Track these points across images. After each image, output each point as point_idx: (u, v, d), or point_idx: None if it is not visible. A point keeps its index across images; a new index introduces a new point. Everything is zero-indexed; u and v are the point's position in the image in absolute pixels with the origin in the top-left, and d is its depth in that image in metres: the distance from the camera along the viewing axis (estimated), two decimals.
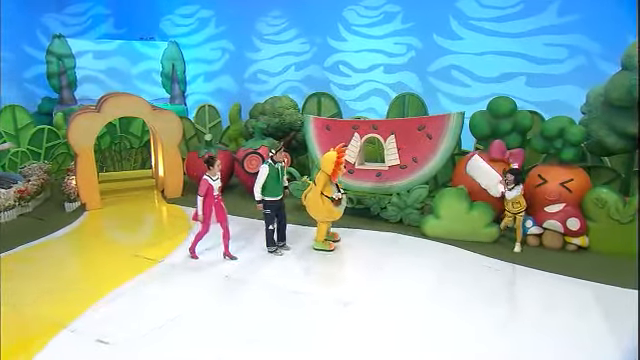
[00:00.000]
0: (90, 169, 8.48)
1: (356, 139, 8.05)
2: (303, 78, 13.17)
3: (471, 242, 6.73)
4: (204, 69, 14.64)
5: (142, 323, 4.58)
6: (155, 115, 8.95)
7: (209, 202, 6.00)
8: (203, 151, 9.53)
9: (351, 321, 4.66)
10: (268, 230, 6.34)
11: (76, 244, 7.02)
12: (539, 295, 5.16)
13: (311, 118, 8.59)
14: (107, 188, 10.47)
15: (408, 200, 7.50)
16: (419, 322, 4.62)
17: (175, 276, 5.74)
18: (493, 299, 5.10)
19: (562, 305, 4.93)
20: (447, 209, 6.90)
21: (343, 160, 6.44)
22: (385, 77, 12.02)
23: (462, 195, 6.88)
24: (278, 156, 6.21)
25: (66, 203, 8.40)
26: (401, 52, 11.66)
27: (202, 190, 5.92)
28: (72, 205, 8.43)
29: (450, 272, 5.82)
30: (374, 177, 7.95)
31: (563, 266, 5.87)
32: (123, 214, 8.60)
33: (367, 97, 12.40)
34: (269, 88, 13.56)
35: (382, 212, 7.77)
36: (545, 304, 4.96)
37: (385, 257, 6.30)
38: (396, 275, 5.75)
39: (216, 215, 6.09)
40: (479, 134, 7.62)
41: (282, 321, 4.65)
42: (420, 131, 7.56)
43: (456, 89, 11.13)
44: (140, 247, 6.70)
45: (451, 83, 11.17)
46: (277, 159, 6.22)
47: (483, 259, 6.22)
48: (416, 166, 7.59)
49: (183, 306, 4.95)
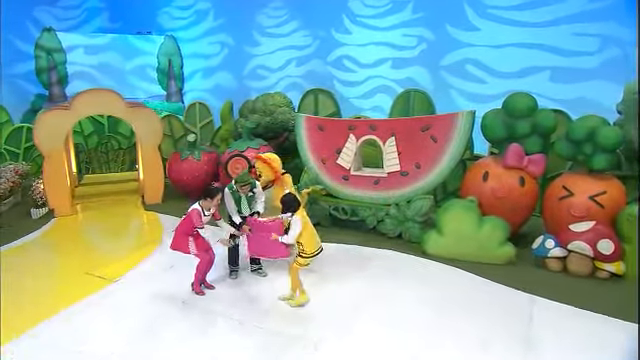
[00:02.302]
0: (59, 172, 7.83)
1: (352, 141, 7.17)
2: (305, 74, 12.38)
3: (481, 264, 5.80)
4: (202, 65, 13.96)
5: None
6: (131, 113, 8.25)
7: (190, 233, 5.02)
8: (186, 152, 8.81)
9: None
10: (229, 248, 5.55)
11: (27, 259, 6.32)
12: (561, 337, 4.20)
13: (303, 117, 7.74)
14: (87, 192, 9.87)
15: (408, 212, 6.58)
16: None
17: (121, 301, 4.99)
18: (505, 339, 4.17)
19: (590, 351, 3.95)
20: (452, 224, 5.97)
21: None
22: (393, 72, 11.16)
23: (470, 208, 5.93)
24: (240, 189, 5.29)
25: (32, 209, 7.77)
26: (411, 45, 10.79)
27: (197, 222, 4.89)
28: (39, 211, 7.80)
29: (453, 302, 4.89)
30: (371, 185, 7.05)
31: (592, 299, 4.88)
32: (92, 222, 7.96)
33: (373, 94, 11.55)
34: (269, 84, 12.79)
35: (379, 225, 6.88)
36: (569, 349, 3.99)
37: (378, 280, 5.41)
38: (390, 304, 4.85)
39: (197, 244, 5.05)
40: (493, 136, 6.64)
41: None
42: (424, 132, 6.64)
43: (471, 85, 10.19)
44: (96, 263, 6.00)
45: (466, 79, 10.23)
46: (240, 190, 5.31)
47: (495, 286, 5.28)
48: (419, 173, 6.67)
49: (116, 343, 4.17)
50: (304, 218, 4.68)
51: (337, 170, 7.29)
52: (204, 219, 4.96)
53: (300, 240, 4.65)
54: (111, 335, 4.32)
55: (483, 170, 6.43)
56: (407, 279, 5.47)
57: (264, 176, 5.77)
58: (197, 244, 5.03)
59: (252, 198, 5.42)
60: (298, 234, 4.60)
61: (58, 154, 7.77)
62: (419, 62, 10.72)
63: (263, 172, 5.83)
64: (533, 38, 9.17)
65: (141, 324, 4.50)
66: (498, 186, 6.21)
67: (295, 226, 4.61)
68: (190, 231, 4.99)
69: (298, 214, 4.64)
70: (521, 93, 6.41)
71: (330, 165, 7.36)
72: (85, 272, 5.67)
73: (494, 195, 6.21)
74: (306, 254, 4.69)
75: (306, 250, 4.68)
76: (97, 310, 4.79)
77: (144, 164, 8.65)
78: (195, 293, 5.11)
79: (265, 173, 5.86)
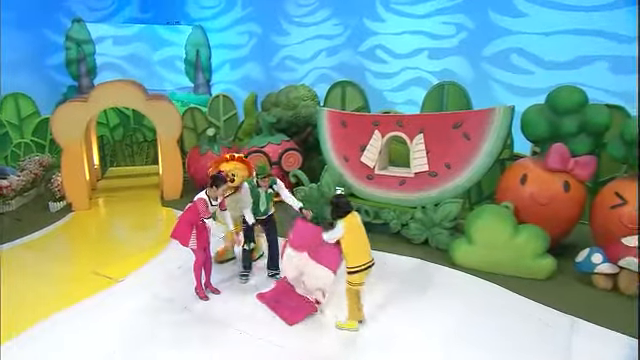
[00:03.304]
0: (77, 166, 7.96)
1: (377, 138, 6.84)
2: (335, 65, 12.12)
3: (516, 278, 5.36)
4: (230, 56, 13.96)
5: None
6: (150, 105, 8.26)
7: (194, 223, 4.89)
8: (205, 147, 8.76)
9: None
10: (243, 249, 5.38)
11: (37, 254, 6.44)
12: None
13: (325, 112, 7.47)
14: (110, 185, 10.06)
15: (435, 217, 6.18)
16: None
17: (123, 303, 4.94)
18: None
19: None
20: (484, 232, 5.54)
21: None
22: (429, 63, 10.72)
23: (505, 215, 5.47)
24: (261, 182, 5.19)
25: (50, 203, 7.95)
26: (449, 33, 10.31)
27: (204, 212, 4.74)
28: (57, 205, 7.97)
29: (481, 322, 4.52)
30: (397, 185, 6.71)
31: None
32: (108, 218, 8.08)
33: (407, 87, 11.15)
34: (298, 76, 12.62)
35: (403, 230, 6.53)
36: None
37: (400, 294, 5.09)
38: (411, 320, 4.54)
39: (197, 239, 4.91)
40: (534, 135, 6.11)
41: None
42: (456, 129, 6.22)
43: (516, 78, 9.61)
44: (105, 261, 6.02)
45: (510, 70, 9.67)
46: (261, 184, 5.21)
47: (530, 305, 4.84)
48: (449, 174, 6.26)
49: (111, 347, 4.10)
50: (350, 225, 4.22)
51: (361, 169, 7.00)
52: (211, 209, 4.81)
53: (345, 251, 4.24)
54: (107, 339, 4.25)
55: (521, 172, 5.94)
56: (431, 292, 5.14)
57: (238, 177, 5.38)
58: (198, 239, 4.86)
59: (271, 196, 5.21)
60: (336, 237, 4.22)
61: (76, 147, 7.90)
62: (458, 52, 10.21)
63: (238, 173, 5.38)
64: (589, 23, 8.47)
65: (136, 329, 4.42)
66: (538, 191, 5.72)
67: (336, 229, 4.22)
68: (195, 221, 4.83)
69: (345, 220, 4.22)
70: (568, 86, 5.85)
71: (353, 163, 7.07)
72: (92, 271, 5.68)
73: (533, 201, 5.72)
74: (351, 268, 4.22)
75: (349, 263, 4.22)
76: (97, 312, 4.76)
77: (163, 158, 8.68)
78: (199, 298, 4.97)
79: (240, 174, 5.41)
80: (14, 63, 11.98)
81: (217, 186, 4.77)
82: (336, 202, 4.32)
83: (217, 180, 4.80)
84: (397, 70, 11.12)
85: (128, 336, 4.31)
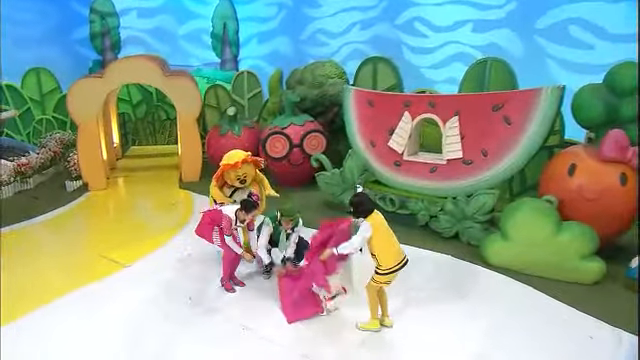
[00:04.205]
0: (93, 144, 8.12)
1: (406, 120, 6.55)
2: (370, 39, 11.79)
3: (557, 281, 5.05)
4: (258, 29, 13.82)
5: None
6: (169, 82, 8.26)
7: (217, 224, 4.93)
8: (226, 127, 8.71)
9: None
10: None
11: (48, 235, 6.66)
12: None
13: (351, 90, 7.22)
14: (129, 165, 10.26)
15: (467, 209, 5.88)
16: None
17: (128, 290, 4.98)
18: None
19: None
20: (521, 228, 5.21)
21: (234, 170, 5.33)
22: (474, 37, 10.24)
23: (546, 210, 5.11)
24: (284, 222, 4.94)
25: (67, 182, 8.16)
26: (497, 3, 9.84)
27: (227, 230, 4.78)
28: (73, 184, 8.18)
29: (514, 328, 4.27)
30: (427, 173, 6.42)
31: None
32: (123, 199, 8.24)
33: (448, 63, 10.71)
34: (330, 51, 12.36)
35: (432, 222, 6.27)
36: None
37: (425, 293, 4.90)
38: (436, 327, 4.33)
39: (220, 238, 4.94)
40: (587, 120, 5.66)
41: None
42: (495, 112, 5.85)
43: (575, 53, 8.96)
44: (115, 245, 6.12)
45: (568, 45, 9.08)
46: (284, 224, 4.96)
47: (571, 313, 4.53)
48: (485, 162, 5.92)
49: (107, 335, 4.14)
50: (376, 224, 3.99)
51: (388, 154, 6.76)
52: (234, 227, 4.89)
53: (373, 251, 4.02)
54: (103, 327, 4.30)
55: (569, 161, 5.51)
56: (459, 293, 4.91)
57: (249, 178, 5.38)
58: (222, 238, 4.90)
59: (289, 236, 5.05)
60: (362, 241, 3.96)
61: (92, 125, 8.04)
62: (507, 24, 9.70)
63: (249, 174, 5.37)
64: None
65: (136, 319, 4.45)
66: (588, 183, 5.29)
67: (361, 232, 3.95)
68: (217, 223, 4.90)
69: (370, 219, 4.00)
70: (629, 62, 5.35)
71: (380, 148, 6.83)
72: (100, 254, 5.78)
73: (582, 195, 5.30)
74: (382, 269, 4.02)
75: (381, 264, 4.00)
76: (99, 298, 4.82)
77: (182, 138, 8.72)
78: (225, 290, 5.00)
79: (251, 174, 5.41)
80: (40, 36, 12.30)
81: (248, 212, 4.84)
82: (358, 201, 4.08)
83: (249, 206, 4.84)
84: (437, 45, 10.70)
85: (126, 326, 4.33)
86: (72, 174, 8.19)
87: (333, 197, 7.17)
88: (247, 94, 10.58)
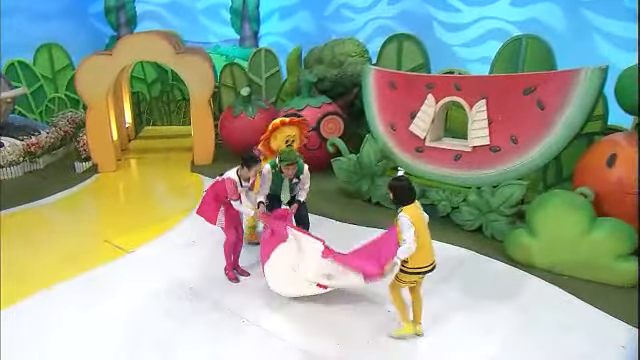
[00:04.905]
0: (103, 124, 8.24)
1: (430, 103, 6.37)
2: (398, 14, 11.59)
3: (588, 282, 4.87)
4: (279, 4, 13.73)
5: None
6: (180, 60, 8.28)
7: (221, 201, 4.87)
8: (239, 108, 8.69)
9: None
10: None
11: (55, 216, 6.85)
12: None
13: (371, 70, 7.07)
14: (142, 146, 10.41)
15: (492, 201, 5.71)
16: None
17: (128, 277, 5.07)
18: None
19: None
20: (550, 224, 5.02)
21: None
22: (512, 12, 9.95)
23: (580, 204, 4.89)
24: (285, 169, 4.91)
25: (76, 162, 8.33)
26: None
27: (233, 194, 4.65)
28: (83, 165, 8.35)
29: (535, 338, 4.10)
30: (450, 161, 6.26)
31: None
32: (133, 182, 8.36)
33: (483, 41, 10.44)
34: (354, 28, 12.24)
35: (453, 213, 6.12)
36: None
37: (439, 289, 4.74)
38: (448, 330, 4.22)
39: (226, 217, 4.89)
40: (631, 105, 5.35)
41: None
42: (527, 95, 5.61)
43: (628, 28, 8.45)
44: (120, 229, 6.24)
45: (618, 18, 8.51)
46: (284, 172, 4.94)
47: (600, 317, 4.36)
48: (514, 150, 5.71)
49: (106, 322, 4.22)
50: (415, 218, 3.75)
51: (409, 139, 6.61)
52: (240, 190, 4.74)
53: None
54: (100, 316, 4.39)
55: (609, 151, 5.27)
56: (478, 292, 4.78)
57: (295, 145, 5.37)
58: (227, 217, 4.85)
59: (295, 185, 5.04)
60: (412, 236, 3.67)
61: (102, 104, 8.15)
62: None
63: (296, 140, 5.39)
64: None
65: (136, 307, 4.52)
66: (629, 176, 5.05)
67: (406, 231, 3.68)
68: (222, 199, 4.82)
69: (406, 210, 3.74)
70: None
71: (401, 132, 6.69)
72: (104, 239, 5.89)
73: (621, 188, 5.07)
74: (408, 267, 3.82)
75: (407, 263, 3.80)
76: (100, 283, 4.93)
77: (194, 119, 8.75)
78: (228, 279, 5.00)
79: (296, 142, 5.46)
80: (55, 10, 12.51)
81: (249, 167, 4.65)
82: (399, 186, 3.83)
83: (250, 160, 4.66)
84: (471, 20, 10.52)
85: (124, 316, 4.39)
86: (81, 155, 8.36)
87: (349, 184, 7.09)
88: (265, 73, 10.52)
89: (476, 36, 10.43)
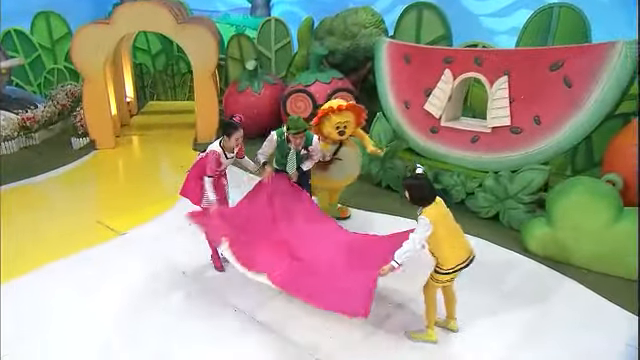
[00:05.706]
0: (101, 99, 8.26)
1: (447, 80, 6.21)
2: None
3: (611, 277, 4.77)
4: None
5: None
6: (181, 30, 8.22)
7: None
8: (244, 83, 8.63)
9: None
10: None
11: (47, 194, 6.94)
12: None
13: (385, 43, 6.91)
14: (144, 122, 10.45)
15: (511, 187, 5.57)
16: None
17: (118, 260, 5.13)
18: None
19: None
20: (571, 213, 4.87)
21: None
22: None
23: (606, 192, 4.73)
24: (292, 138, 4.80)
25: (73, 138, 8.41)
26: None
27: (210, 169, 4.50)
28: (80, 141, 8.42)
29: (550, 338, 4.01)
30: (467, 143, 6.12)
31: None
32: (130, 160, 8.40)
33: (513, 11, 10.04)
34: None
35: (468, 200, 6.01)
36: None
37: None
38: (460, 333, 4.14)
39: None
40: None
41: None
42: (553, 72, 5.42)
43: None
44: (114, 210, 6.31)
45: None
46: (292, 141, 4.84)
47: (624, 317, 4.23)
48: (537, 131, 5.55)
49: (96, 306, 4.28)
50: (439, 217, 3.56)
51: (424, 118, 6.49)
52: (225, 163, 4.65)
53: (432, 249, 3.66)
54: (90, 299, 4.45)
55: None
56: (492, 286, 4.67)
57: (349, 130, 5.24)
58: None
59: (304, 157, 4.98)
60: (422, 241, 3.51)
61: (99, 77, 8.15)
62: None
63: (350, 125, 5.21)
64: None
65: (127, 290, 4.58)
66: None
67: (420, 232, 3.50)
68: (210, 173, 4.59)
69: (427, 212, 3.53)
70: None
71: (415, 111, 6.55)
72: (96, 220, 5.96)
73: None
74: (442, 269, 3.68)
75: (442, 264, 3.65)
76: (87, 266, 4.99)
77: (197, 94, 8.72)
78: (215, 268, 4.95)
79: (352, 125, 5.26)
80: None
81: (229, 135, 4.50)
82: (416, 185, 3.60)
83: (228, 127, 4.52)
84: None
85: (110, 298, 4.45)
86: (78, 131, 8.42)
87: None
88: (274, 45, 10.40)
89: (505, 5, 10.08)
